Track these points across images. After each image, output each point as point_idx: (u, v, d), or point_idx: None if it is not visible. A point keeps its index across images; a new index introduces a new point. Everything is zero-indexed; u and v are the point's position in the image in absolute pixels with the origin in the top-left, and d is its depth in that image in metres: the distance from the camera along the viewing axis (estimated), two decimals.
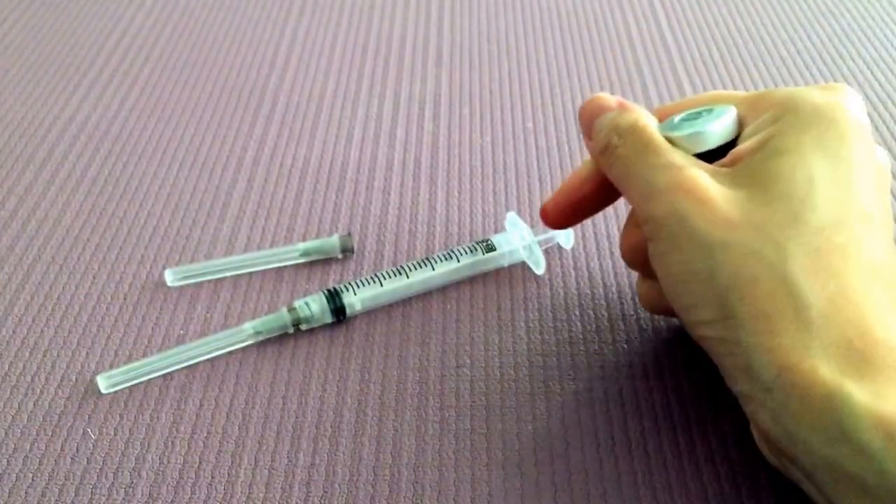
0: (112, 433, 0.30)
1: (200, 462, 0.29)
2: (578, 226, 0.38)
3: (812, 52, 0.51)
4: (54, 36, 0.54)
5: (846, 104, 0.27)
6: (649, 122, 0.29)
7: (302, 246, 0.37)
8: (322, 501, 0.28)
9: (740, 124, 0.29)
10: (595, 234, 0.38)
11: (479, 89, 0.49)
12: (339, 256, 0.37)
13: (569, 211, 0.33)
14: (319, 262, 0.37)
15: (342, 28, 0.55)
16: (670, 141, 0.28)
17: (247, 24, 0.55)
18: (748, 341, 0.24)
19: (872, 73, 0.49)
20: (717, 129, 0.28)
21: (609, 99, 0.31)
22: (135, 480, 0.29)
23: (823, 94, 0.27)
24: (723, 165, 0.27)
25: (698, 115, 0.29)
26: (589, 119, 0.31)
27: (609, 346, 0.33)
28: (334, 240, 0.37)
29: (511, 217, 0.37)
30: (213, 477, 0.29)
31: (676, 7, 0.57)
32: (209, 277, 0.36)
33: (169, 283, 0.36)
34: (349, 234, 0.38)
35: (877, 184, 0.26)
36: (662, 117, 0.30)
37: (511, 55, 0.52)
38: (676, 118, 0.29)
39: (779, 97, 0.28)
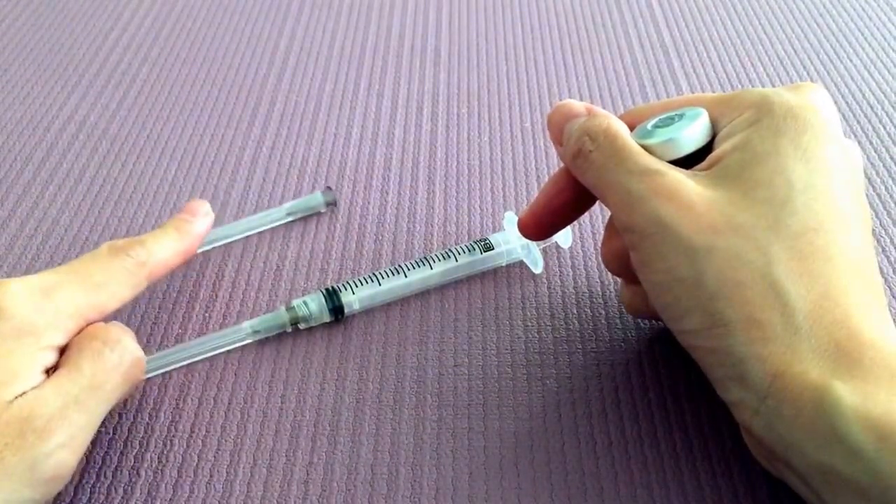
0: (111, 432, 0.30)
1: (199, 461, 0.29)
2: (576, 225, 0.38)
3: (809, 52, 0.52)
4: (53, 34, 0.54)
5: (818, 105, 0.27)
6: (621, 128, 0.29)
7: (286, 206, 0.39)
8: (320, 500, 0.28)
9: (712, 127, 0.29)
10: (593, 233, 0.38)
11: (478, 89, 0.49)
12: (323, 210, 0.39)
13: (548, 221, 0.33)
14: (317, 260, 0.37)
15: (340, 27, 0.55)
16: (644, 149, 0.28)
17: (245, 23, 0.55)
18: (741, 351, 0.24)
19: (870, 72, 0.50)
20: (691, 135, 0.28)
21: (577, 105, 0.31)
22: (133, 479, 0.29)
23: (796, 95, 0.27)
24: (699, 169, 0.27)
25: (671, 120, 0.29)
26: (558, 125, 0.31)
27: (606, 344, 0.33)
28: (318, 196, 0.39)
29: (509, 216, 0.37)
30: (211, 475, 0.29)
31: (675, 7, 0.57)
32: (204, 248, 0.37)
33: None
34: (330, 188, 0.40)
35: (851, 183, 0.27)
36: (630, 121, 0.30)
37: (510, 55, 0.52)
38: (649, 124, 0.29)
39: (751, 99, 0.28)
